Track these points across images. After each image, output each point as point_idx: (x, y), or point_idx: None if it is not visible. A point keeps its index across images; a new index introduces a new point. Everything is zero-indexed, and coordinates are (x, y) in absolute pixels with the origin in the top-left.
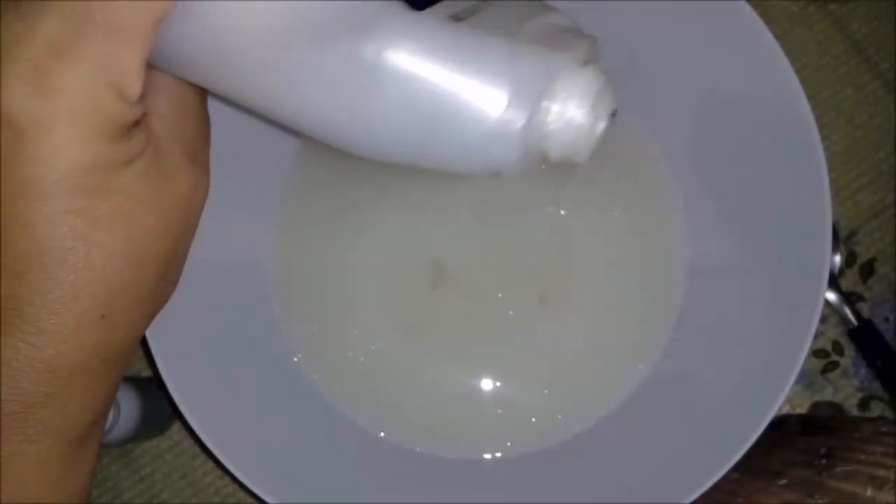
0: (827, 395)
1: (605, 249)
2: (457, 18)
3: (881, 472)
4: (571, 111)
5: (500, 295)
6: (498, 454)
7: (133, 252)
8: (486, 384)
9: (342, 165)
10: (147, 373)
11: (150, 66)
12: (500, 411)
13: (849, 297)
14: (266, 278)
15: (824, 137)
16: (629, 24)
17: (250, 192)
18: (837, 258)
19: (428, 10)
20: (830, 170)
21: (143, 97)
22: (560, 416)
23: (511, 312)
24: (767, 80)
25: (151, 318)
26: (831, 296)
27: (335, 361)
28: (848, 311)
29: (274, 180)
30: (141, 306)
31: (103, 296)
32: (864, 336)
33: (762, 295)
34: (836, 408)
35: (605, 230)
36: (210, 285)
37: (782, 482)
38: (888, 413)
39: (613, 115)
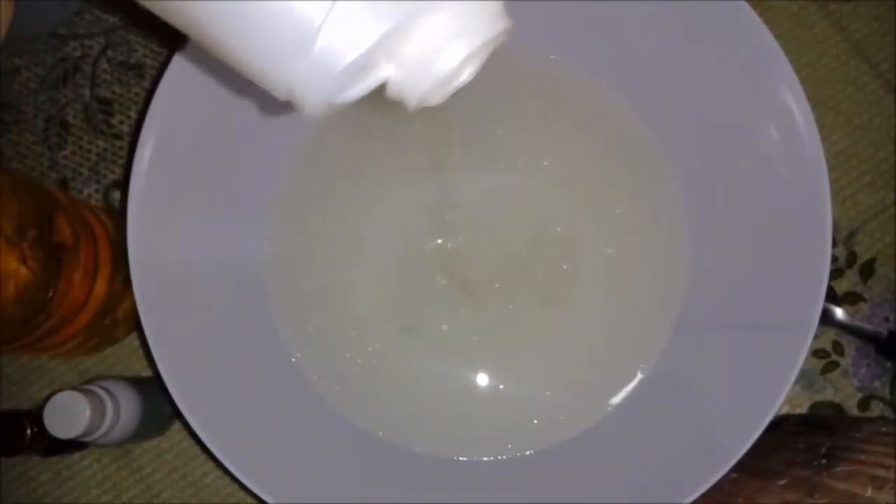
0: (827, 395)
1: (607, 248)
2: None
3: (881, 472)
4: (430, 54)
5: (500, 295)
6: (498, 456)
7: None
8: (487, 385)
9: (340, 167)
10: (147, 373)
11: None
12: (501, 413)
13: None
14: (265, 280)
15: (824, 137)
16: (630, 24)
17: (248, 195)
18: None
19: None
20: (830, 170)
21: None
22: (562, 418)
23: (512, 312)
24: (767, 80)
25: None
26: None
27: (333, 362)
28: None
29: (272, 183)
30: None
31: None
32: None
33: (762, 295)
34: (836, 408)
35: (607, 228)
36: (209, 287)
37: (782, 482)
38: (888, 413)
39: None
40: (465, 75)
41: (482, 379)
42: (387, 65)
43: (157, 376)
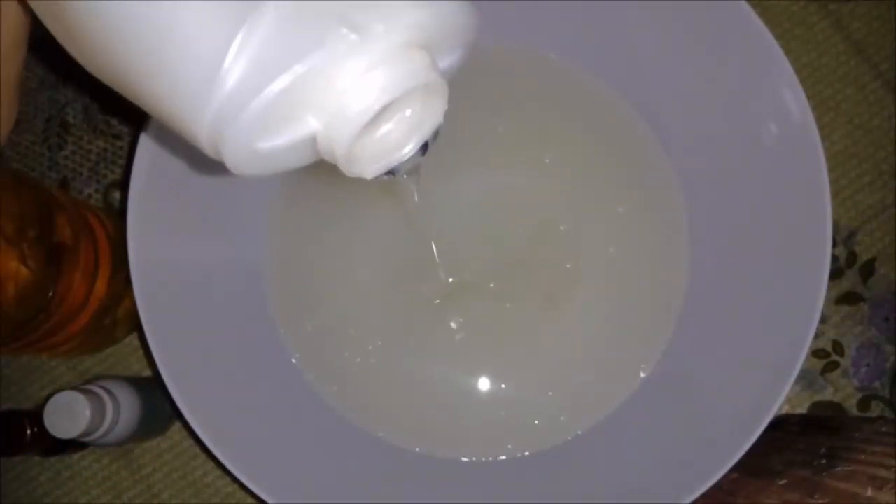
0: (827, 395)
1: (609, 247)
2: None
3: (881, 472)
4: (348, 100)
5: (502, 294)
6: (498, 456)
7: None
8: (488, 385)
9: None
10: (147, 373)
11: None
12: (502, 413)
13: None
14: (264, 279)
15: (824, 137)
16: (630, 24)
17: (249, 195)
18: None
19: None
20: (830, 170)
21: None
22: (563, 418)
23: (514, 312)
24: (767, 80)
25: None
26: None
27: (333, 362)
28: None
29: (272, 183)
30: None
31: None
32: None
33: (762, 295)
34: (836, 408)
35: (609, 227)
36: (209, 287)
37: (782, 482)
38: (888, 413)
39: (427, 143)
40: (409, 148)
41: (483, 379)
42: (308, 115)
43: (157, 376)
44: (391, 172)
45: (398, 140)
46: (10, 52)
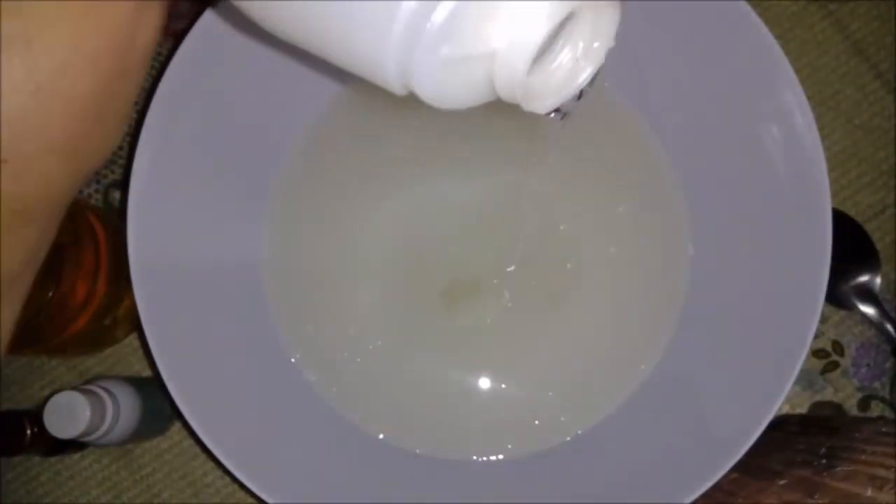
0: (827, 395)
1: (609, 247)
2: None
3: (881, 472)
4: (519, 31)
5: (502, 294)
6: (499, 456)
7: (41, 87)
8: (488, 385)
9: (340, 169)
10: (147, 373)
11: None
12: (503, 414)
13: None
14: (264, 279)
15: (824, 137)
16: (630, 25)
17: (248, 195)
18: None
19: None
20: (830, 170)
21: None
22: (563, 419)
23: (514, 312)
24: (767, 80)
25: (78, 175)
26: (869, 310)
27: (333, 362)
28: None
29: (272, 182)
30: (56, 156)
31: (3, 136)
32: None
33: (762, 294)
34: (836, 408)
35: (609, 227)
36: (209, 287)
37: (782, 482)
38: (888, 413)
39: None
40: (583, 77)
41: (483, 379)
42: (489, 32)
43: (157, 376)
44: (558, 110)
45: (570, 71)
46: (139, 72)
